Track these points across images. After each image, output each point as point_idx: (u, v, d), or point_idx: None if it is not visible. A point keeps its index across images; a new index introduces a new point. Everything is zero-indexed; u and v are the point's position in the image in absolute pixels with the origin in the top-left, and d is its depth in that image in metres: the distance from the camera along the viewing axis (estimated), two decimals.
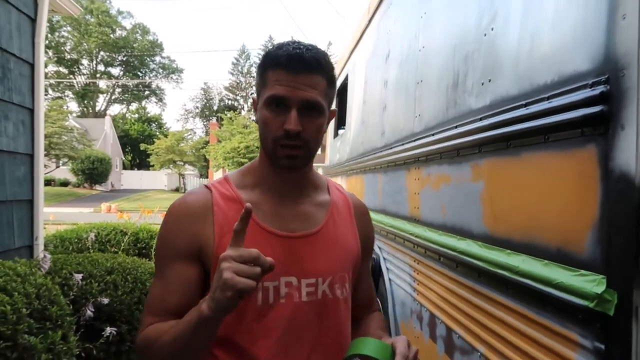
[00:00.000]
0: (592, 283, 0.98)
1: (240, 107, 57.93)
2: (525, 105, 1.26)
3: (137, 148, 45.42)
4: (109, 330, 2.52)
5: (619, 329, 0.91)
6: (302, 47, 0.99)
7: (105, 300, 2.60)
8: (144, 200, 27.93)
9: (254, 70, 63.37)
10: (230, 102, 59.85)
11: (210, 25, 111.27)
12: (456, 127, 1.74)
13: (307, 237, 1.06)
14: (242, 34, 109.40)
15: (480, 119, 1.53)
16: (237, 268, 0.80)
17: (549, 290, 1.11)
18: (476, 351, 1.52)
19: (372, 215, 1.47)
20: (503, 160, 1.39)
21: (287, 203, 1.08)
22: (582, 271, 1.02)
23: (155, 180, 41.67)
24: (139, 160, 52.64)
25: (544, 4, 1.24)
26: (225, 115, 33.95)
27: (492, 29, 1.50)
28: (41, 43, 3.48)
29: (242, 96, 60.12)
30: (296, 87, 0.97)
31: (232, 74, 61.38)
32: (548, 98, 1.16)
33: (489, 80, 1.50)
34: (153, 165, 38.28)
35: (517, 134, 1.30)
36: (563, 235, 1.10)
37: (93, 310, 2.51)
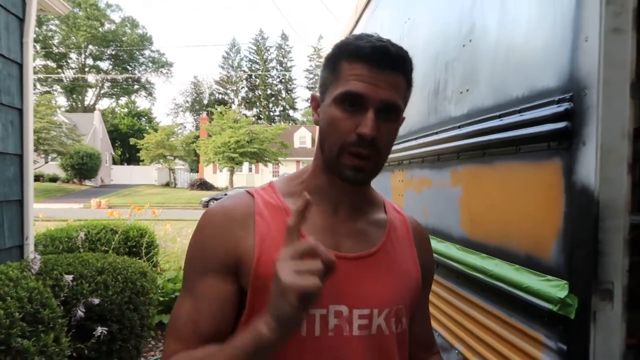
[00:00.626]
0: (556, 288, 1.04)
1: (230, 101, 57.80)
2: (499, 116, 1.32)
3: (126, 143, 45.16)
4: (100, 330, 2.57)
5: (579, 331, 0.98)
6: (385, 40, 0.85)
7: (96, 301, 2.64)
8: (134, 195, 27.83)
9: (244, 64, 62.78)
10: (220, 96, 59.68)
11: (200, 19, 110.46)
12: (437, 133, 1.80)
13: (362, 260, 0.91)
14: (232, 27, 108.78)
15: (459, 127, 1.59)
16: (295, 266, 0.68)
17: (519, 293, 1.18)
18: (454, 349, 1.59)
19: None
20: (479, 168, 1.46)
21: (340, 218, 0.93)
22: (548, 276, 1.08)
23: (146, 175, 41.49)
24: (128, 155, 52.38)
25: (517, 20, 1.30)
26: (216, 109, 33.89)
27: (470, 41, 1.56)
28: (30, 43, 3.48)
29: (232, 90, 59.95)
30: (377, 84, 0.83)
31: (223, 67, 61.23)
32: (520, 111, 1.23)
33: (467, 90, 1.56)
34: (143, 160, 38.08)
35: (491, 143, 1.36)
36: (532, 242, 1.17)
37: (84, 310, 2.55)
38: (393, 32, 2.60)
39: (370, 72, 0.83)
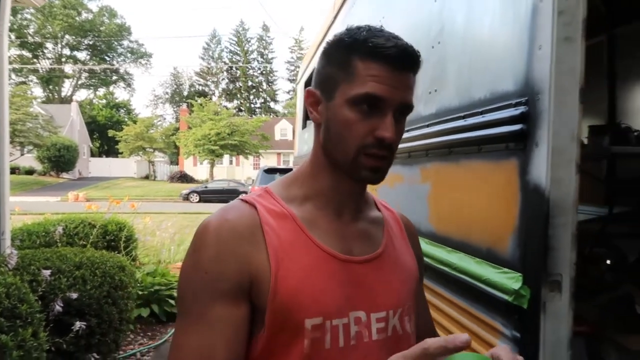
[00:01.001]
0: (512, 280, 1.12)
1: (211, 92, 57.25)
2: (464, 117, 1.39)
3: (105, 135, 44.40)
4: (78, 324, 2.58)
5: (531, 320, 1.06)
6: (399, 37, 0.81)
7: (74, 295, 2.65)
8: (113, 188, 27.49)
9: (225, 55, 62.04)
10: (200, 87, 59.07)
11: (180, 9, 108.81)
12: (408, 130, 1.85)
13: (372, 262, 0.89)
14: (213, 18, 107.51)
15: (428, 126, 1.65)
16: None
17: (480, 285, 1.25)
18: None
19: None
20: (445, 165, 1.52)
21: (345, 221, 0.89)
22: (505, 269, 1.16)
23: (124, 167, 40.96)
24: (107, 147, 51.57)
25: (481, 26, 1.36)
26: (196, 101, 33.54)
27: (439, 43, 1.62)
28: (4, 33, 3.44)
29: (213, 82, 59.38)
30: (397, 87, 0.79)
31: (203, 58, 60.54)
32: (482, 113, 1.29)
33: (436, 90, 1.62)
34: (122, 153, 37.57)
35: (456, 142, 1.43)
36: (491, 237, 1.24)
37: (62, 305, 2.56)
38: None
39: (391, 74, 0.79)
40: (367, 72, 0.79)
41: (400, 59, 0.79)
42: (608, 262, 3.10)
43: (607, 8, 3.61)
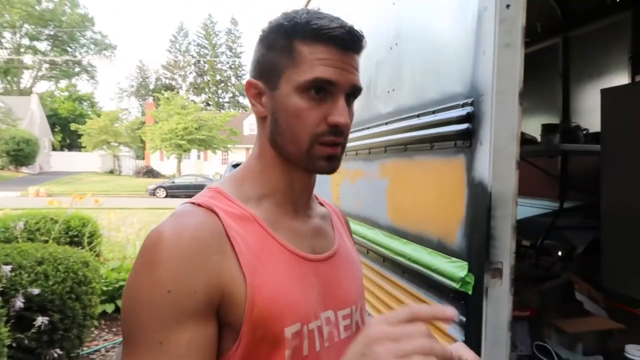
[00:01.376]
0: (459, 268, 1.20)
1: (178, 86, 56.27)
2: (418, 115, 1.47)
3: (67, 128, 43.10)
4: (40, 320, 2.56)
5: (475, 304, 1.14)
6: (339, 18, 0.78)
7: (36, 291, 2.63)
8: (76, 183, 26.76)
9: (193, 48, 60.90)
10: (167, 81, 57.98)
11: (146, 1, 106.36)
12: (368, 128, 1.93)
13: (332, 258, 0.87)
14: (180, 10, 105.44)
15: (386, 123, 1.73)
16: (398, 348, 0.53)
17: (431, 274, 1.33)
18: None
19: None
20: (402, 161, 1.60)
21: (302, 217, 0.86)
22: (453, 258, 1.24)
23: (88, 162, 39.85)
24: (69, 140, 50.04)
25: (433, 29, 1.44)
26: (163, 94, 32.91)
27: (397, 44, 1.69)
28: None
29: (180, 75, 58.36)
30: (346, 69, 0.76)
31: (170, 51, 59.41)
32: (434, 112, 1.37)
33: (393, 90, 1.70)
34: (85, 147, 36.55)
35: (411, 140, 1.51)
36: (442, 229, 1.32)
37: (23, 301, 2.53)
38: None
39: (339, 56, 0.75)
40: (314, 56, 0.75)
41: (347, 39, 0.75)
42: (560, 253, 3.27)
43: (562, 11, 3.79)
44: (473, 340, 1.14)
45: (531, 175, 3.55)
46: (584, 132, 2.93)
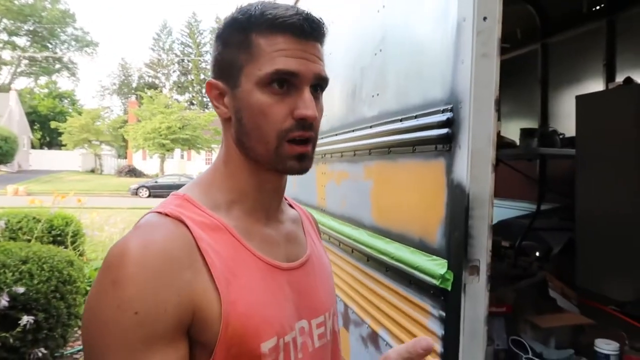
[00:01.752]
0: (439, 266, 1.26)
1: (161, 85, 55.78)
2: (401, 120, 1.53)
3: (47, 126, 42.45)
4: (25, 319, 2.57)
5: (453, 300, 1.21)
6: (294, 6, 0.74)
7: (21, 290, 2.63)
8: (56, 182, 26.37)
9: (176, 47, 60.37)
10: (151, 79, 57.45)
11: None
12: (353, 130, 1.99)
13: (305, 265, 0.83)
14: (164, 8, 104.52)
15: (371, 127, 1.79)
16: None
17: (413, 272, 1.39)
18: (365, 323, 1.80)
19: None
20: (385, 164, 1.66)
21: (273, 223, 0.82)
22: (433, 256, 1.30)
23: (68, 160, 39.29)
24: (49, 138, 49.29)
25: (416, 37, 1.51)
26: (146, 93, 32.63)
27: (381, 50, 1.75)
28: None
29: (163, 74, 57.86)
30: (307, 58, 0.72)
31: (153, 49, 58.91)
32: (416, 117, 1.43)
33: (377, 94, 1.76)
34: (65, 145, 36.03)
35: (395, 143, 1.57)
36: (423, 228, 1.39)
37: (8, 299, 2.54)
38: None
39: (299, 45, 0.72)
40: (272, 48, 0.71)
41: (306, 27, 0.72)
42: (537, 253, 3.37)
43: (540, 18, 3.90)
44: (452, 334, 1.20)
45: (511, 177, 3.66)
46: (561, 136, 3.03)
